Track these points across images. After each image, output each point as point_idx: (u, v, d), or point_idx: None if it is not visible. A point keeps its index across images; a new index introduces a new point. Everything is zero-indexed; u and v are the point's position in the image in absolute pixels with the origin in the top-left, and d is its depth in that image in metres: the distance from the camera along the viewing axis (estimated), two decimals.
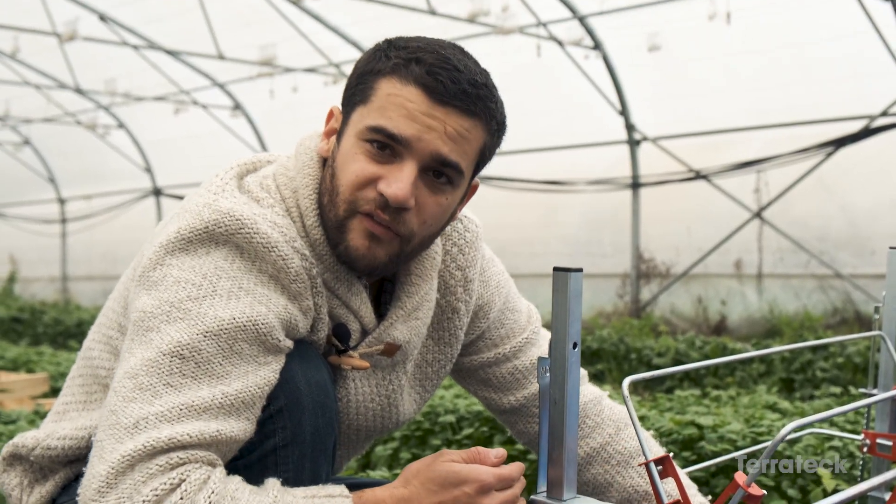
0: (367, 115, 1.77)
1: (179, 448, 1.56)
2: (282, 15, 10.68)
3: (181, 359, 1.62)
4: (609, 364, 7.78)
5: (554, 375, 1.58)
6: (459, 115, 1.75)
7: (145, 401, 1.58)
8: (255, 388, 1.66)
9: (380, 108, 1.76)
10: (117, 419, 1.58)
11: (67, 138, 15.89)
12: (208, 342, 1.64)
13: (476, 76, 1.78)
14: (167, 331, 1.64)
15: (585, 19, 10.05)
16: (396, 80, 1.75)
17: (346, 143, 1.80)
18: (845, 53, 9.28)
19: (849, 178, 9.77)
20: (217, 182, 1.83)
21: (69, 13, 10.72)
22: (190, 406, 1.59)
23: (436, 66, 1.74)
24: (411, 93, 1.74)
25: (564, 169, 11.50)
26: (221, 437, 1.61)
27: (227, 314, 1.66)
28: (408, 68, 1.74)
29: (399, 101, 1.74)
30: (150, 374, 1.61)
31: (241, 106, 13.59)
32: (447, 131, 1.75)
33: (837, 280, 9.84)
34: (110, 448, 1.56)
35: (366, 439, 2.11)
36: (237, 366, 1.65)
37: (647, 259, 11.21)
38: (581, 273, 1.57)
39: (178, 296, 1.67)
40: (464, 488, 1.68)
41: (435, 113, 1.74)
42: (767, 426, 3.66)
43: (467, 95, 1.75)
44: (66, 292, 17.46)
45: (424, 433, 4.36)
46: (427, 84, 1.73)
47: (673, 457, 1.77)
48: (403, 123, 1.73)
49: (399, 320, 1.94)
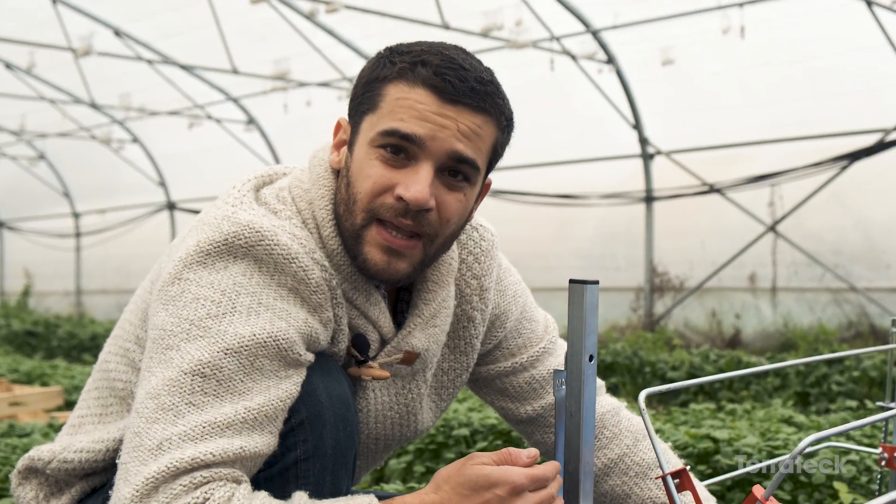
0: (378, 122, 1.77)
1: (203, 467, 1.55)
2: (295, 29, 10.72)
3: (203, 377, 1.61)
4: (623, 378, 7.76)
5: (570, 388, 1.58)
6: (470, 112, 1.75)
7: (168, 421, 1.58)
8: (277, 401, 1.66)
9: (390, 112, 1.75)
10: (141, 441, 1.58)
11: (82, 153, 15.96)
12: (229, 359, 1.63)
13: (482, 73, 1.79)
14: (187, 349, 1.64)
15: (599, 33, 10.06)
16: (404, 83, 1.75)
17: (359, 151, 1.80)
18: (859, 67, 9.27)
19: (863, 192, 9.74)
20: (235, 194, 1.83)
21: (84, 28, 10.78)
22: (213, 423, 1.58)
23: (442, 66, 1.74)
24: (420, 94, 1.74)
25: (578, 183, 11.49)
26: (245, 454, 1.60)
27: (247, 331, 1.65)
28: (414, 71, 1.74)
29: (409, 104, 1.74)
30: (171, 394, 1.60)
31: (255, 120, 13.63)
32: (460, 129, 1.75)
33: (852, 294, 9.79)
34: (135, 471, 1.56)
35: (384, 449, 2.10)
36: (258, 381, 1.65)
37: (661, 273, 11.19)
38: (597, 285, 1.56)
39: (198, 313, 1.66)
40: (495, 491, 1.62)
41: (446, 112, 1.74)
42: (783, 440, 3.64)
43: (476, 92, 1.75)
44: (81, 306, 17.50)
45: (438, 446, 4.35)
46: (436, 84, 1.73)
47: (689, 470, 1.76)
48: (416, 124, 1.73)
49: (417, 328, 1.94)
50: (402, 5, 9.41)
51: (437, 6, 9.31)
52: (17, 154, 16.99)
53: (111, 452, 1.93)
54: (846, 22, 9.02)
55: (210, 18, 10.47)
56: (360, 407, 1.95)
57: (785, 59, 9.60)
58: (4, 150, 16.96)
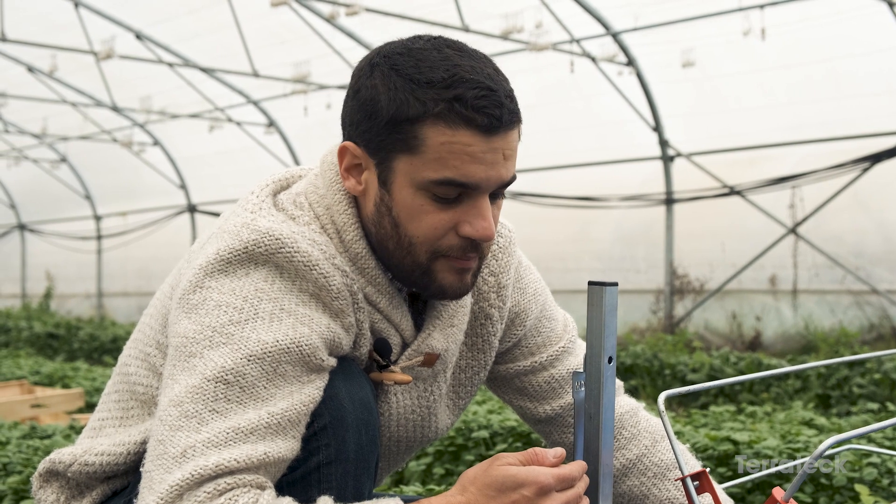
0: (424, 167, 1.72)
1: (227, 474, 1.54)
2: (315, 32, 10.75)
3: (226, 384, 1.61)
4: (643, 380, 7.74)
5: (589, 390, 1.58)
6: (508, 133, 1.74)
7: (192, 429, 1.57)
8: (300, 405, 1.66)
9: (438, 159, 1.71)
10: (165, 449, 1.58)
11: (103, 156, 16.05)
12: (252, 366, 1.63)
13: (504, 84, 1.75)
14: (210, 356, 1.63)
15: (619, 35, 10.05)
16: (444, 126, 1.70)
17: (404, 193, 1.76)
18: (880, 68, 9.23)
19: (885, 194, 9.69)
20: (253, 200, 1.82)
21: (106, 32, 10.83)
22: (236, 429, 1.58)
23: (476, 98, 1.69)
24: (465, 136, 1.70)
25: (597, 185, 11.47)
26: (270, 459, 1.59)
27: (270, 337, 1.65)
28: (452, 110, 1.69)
29: (458, 149, 1.70)
30: (195, 401, 1.60)
31: (275, 122, 13.66)
32: (506, 155, 1.74)
33: (874, 296, 9.74)
34: (159, 479, 1.55)
35: (406, 451, 2.10)
36: (281, 387, 1.64)
37: (681, 275, 11.16)
38: (616, 287, 1.57)
39: (220, 320, 1.66)
40: (522, 491, 1.59)
41: (494, 145, 1.72)
42: (804, 442, 3.63)
43: (511, 112, 1.73)
44: (102, 308, 17.58)
45: (458, 449, 4.35)
46: (479, 123, 1.70)
47: (709, 472, 1.76)
48: (470, 169, 1.71)
49: (437, 329, 1.94)
50: (422, 8, 9.42)
51: (457, 9, 9.32)
52: (39, 157, 17.10)
53: (132, 455, 1.93)
54: (867, 23, 8.98)
55: (230, 21, 10.51)
56: (382, 411, 1.95)
57: (805, 61, 9.56)
58: (27, 153, 17.06)
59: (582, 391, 1.62)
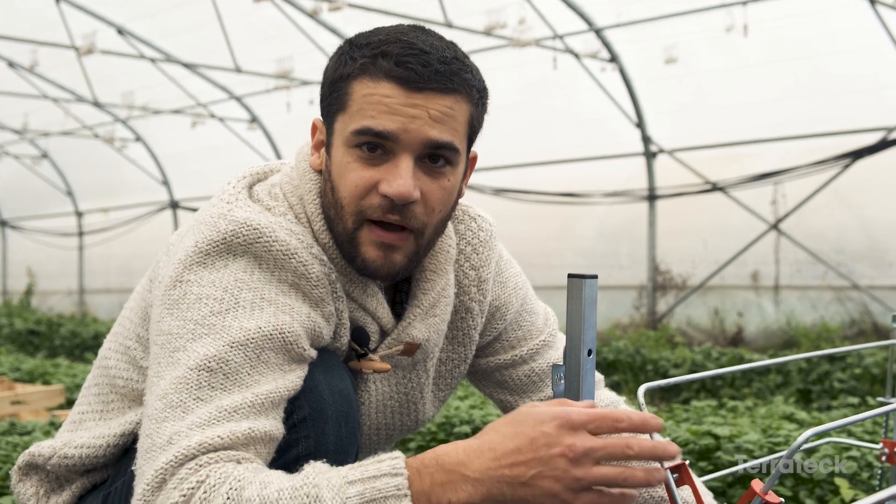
0: (350, 121, 1.76)
1: (211, 451, 1.52)
2: (298, 28, 10.72)
3: (209, 371, 1.60)
4: (625, 375, 7.76)
5: (569, 382, 1.57)
6: (439, 95, 1.74)
7: (177, 417, 1.56)
8: (283, 390, 1.65)
9: (359, 110, 1.74)
10: (153, 441, 1.56)
11: (85, 151, 15.98)
12: (235, 352, 1.62)
13: (444, 52, 1.76)
14: (193, 348, 1.63)
15: (602, 32, 10.06)
16: (367, 79, 1.74)
17: (337, 153, 1.79)
18: (862, 66, 9.26)
19: (866, 190, 9.73)
20: (229, 191, 1.83)
21: (87, 27, 10.79)
22: (220, 409, 1.56)
23: (402, 55, 1.72)
24: (385, 88, 1.72)
25: (580, 181, 11.49)
26: (255, 434, 1.57)
27: (252, 324, 1.65)
28: (376, 65, 1.73)
29: (376, 99, 1.73)
30: (179, 392, 1.59)
31: (258, 119, 13.63)
32: (431, 115, 1.73)
33: (855, 291, 9.79)
34: (147, 469, 1.54)
35: (386, 440, 2.10)
36: (265, 374, 1.64)
37: (664, 271, 11.19)
38: (596, 280, 1.56)
39: (201, 312, 1.66)
40: (542, 427, 1.41)
41: (415, 101, 1.72)
42: (785, 436, 3.64)
43: (441, 74, 1.73)
44: (83, 305, 17.52)
45: (440, 444, 4.35)
46: (399, 75, 1.72)
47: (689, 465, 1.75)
48: (386, 119, 1.72)
49: (417, 318, 1.94)
50: (405, 4, 9.41)
51: (440, 5, 9.32)
52: (20, 153, 17.01)
53: (112, 448, 1.93)
54: (849, 21, 9.01)
55: (213, 16, 10.48)
56: (362, 399, 1.95)
57: (788, 58, 9.59)
58: (7, 149, 16.98)
59: (561, 384, 1.62)
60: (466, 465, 1.43)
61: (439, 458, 1.45)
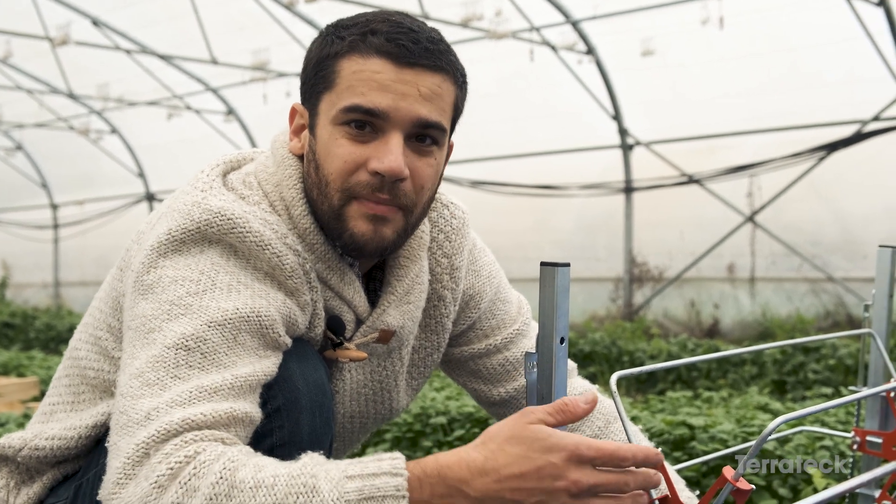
0: (338, 99, 1.75)
1: (195, 428, 1.49)
2: (275, 19, 10.68)
3: (186, 350, 1.58)
4: (601, 367, 7.78)
5: (541, 370, 1.57)
6: (428, 73, 1.74)
7: (154, 395, 1.53)
8: (260, 374, 1.63)
9: (348, 87, 1.74)
10: (128, 418, 1.53)
11: (60, 143, 15.88)
12: (213, 332, 1.60)
13: (432, 33, 1.77)
14: (170, 327, 1.60)
15: (578, 24, 10.07)
16: (357, 56, 1.73)
17: (323, 132, 1.78)
18: (838, 58, 9.31)
19: (841, 183, 9.79)
20: (203, 179, 1.81)
21: (62, 18, 10.71)
22: (200, 388, 1.54)
23: (392, 32, 1.72)
24: (376, 64, 1.72)
25: (558, 173, 11.50)
26: (237, 415, 1.55)
27: (230, 305, 1.63)
28: (365, 41, 1.73)
29: (366, 76, 1.72)
30: (156, 370, 1.56)
31: (235, 111, 13.58)
32: (422, 92, 1.73)
33: (830, 283, 9.85)
34: (124, 444, 1.50)
35: (361, 429, 2.09)
36: (242, 356, 1.62)
37: (640, 263, 11.22)
38: (568, 268, 1.56)
39: (177, 293, 1.64)
40: (550, 458, 1.38)
41: (405, 77, 1.72)
42: (759, 426, 3.66)
43: (431, 52, 1.74)
44: (59, 298, 17.42)
45: (416, 435, 4.36)
46: (390, 51, 1.72)
47: (665, 457, 1.76)
48: (377, 96, 1.72)
49: (391, 305, 1.93)
50: None
51: None
52: None
53: (84, 440, 1.91)
54: (825, 14, 9.05)
55: (189, 8, 10.43)
56: (337, 388, 1.95)
57: (764, 51, 9.63)
58: None
59: (534, 372, 1.62)
60: (469, 483, 1.41)
61: (441, 471, 1.42)
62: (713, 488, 1.45)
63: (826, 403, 1.51)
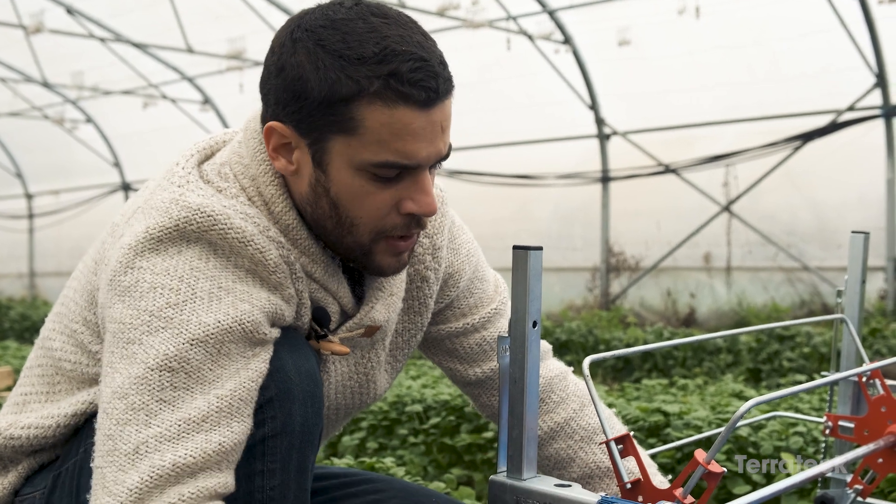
0: (363, 149, 1.68)
1: (188, 474, 1.51)
2: (251, 8, 10.64)
3: (170, 371, 1.56)
4: (578, 355, 7.80)
5: (514, 354, 1.57)
6: (444, 102, 1.71)
7: (140, 422, 1.53)
8: (249, 382, 1.63)
9: (378, 141, 1.67)
10: (115, 445, 1.53)
11: (34, 133, 15.76)
12: (195, 350, 1.59)
13: (433, 49, 1.71)
14: (151, 342, 1.59)
15: (555, 13, 10.07)
16: (381, 105, 1.65)
17: (341, 175, 1.72)
18: (814, 49, 9.36)
19: (816, 172, 9.85)
20: (180, 173, 1.77)
21: (35, 5, 10.62)
22: (187, 420, 1.54)
23: (412, 71, 1.64)
24: (404, 114, 1.66)
25: (535, 163, 11.52)
26: (226, 447, 1.56)
27: (211, 318, 1.61)
28: (389, 87, 1.64)
29: (398, 128, 1.66)
30: (140, 392, 1.55)
31: (211, 100, 13.52)
32: (443, 127, 1.72)
33: (805, 273, 9.91)
34: (112, 478, 1.51)
35: (344, 417, 2.09)
36: (227, 367, 1.61)
37: (617, 252, 11.26)
38: (541, 251, 1.56)
39: (157, 303, 1.61)
40: None
41: (432, 118, 1.69)
42: (733, 412, 3.68)
43: (446, 80, 1.70)
44: (34, 288, 17.33)
45: (392, 423, 4.36)
46: (417, 98, 1.66)
47: (639, 443, 1.78)
48: (412, 148, 1.68)
49: (379, 301, 1.92)
50: None
51: None
52: None
53: (63, 428, 1.89)
54: (801, 5, 9.10)
55: None
56: (322, 380, 1.94)
57: (740, 41, 9.67)
58: None
59: (507, 356, 1.62)
60: None
61: None
62: (685, 471, 1.45)
63: (797, 387, 1.52)
